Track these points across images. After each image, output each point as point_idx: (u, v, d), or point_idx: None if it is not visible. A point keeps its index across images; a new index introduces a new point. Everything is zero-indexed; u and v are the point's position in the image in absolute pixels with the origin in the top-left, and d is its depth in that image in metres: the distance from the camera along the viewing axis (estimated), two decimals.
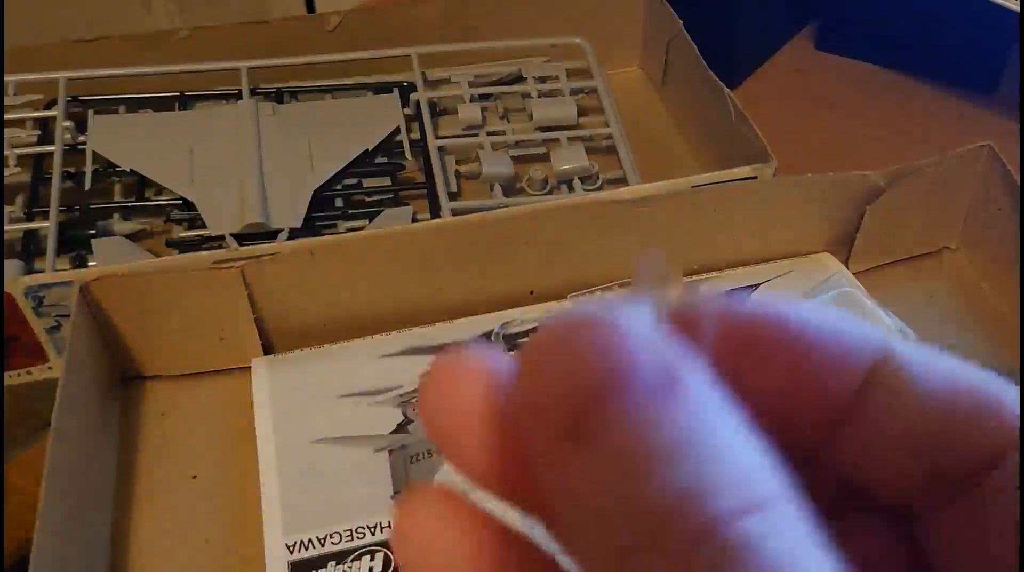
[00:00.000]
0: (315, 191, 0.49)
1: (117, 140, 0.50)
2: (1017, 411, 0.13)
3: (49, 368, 0.42)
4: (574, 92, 0.55)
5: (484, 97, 0.55)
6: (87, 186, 0.48)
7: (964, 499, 0.13)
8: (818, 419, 0.13)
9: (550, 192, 0.51)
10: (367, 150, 0.51)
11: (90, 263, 0.45)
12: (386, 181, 0.51)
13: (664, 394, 0.11)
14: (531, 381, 0.11)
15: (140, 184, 0.49)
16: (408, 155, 0.51)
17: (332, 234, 0.45)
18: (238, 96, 0.53)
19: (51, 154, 0.48)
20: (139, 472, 0.39)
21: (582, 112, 0.54)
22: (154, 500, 0.38)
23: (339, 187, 0.50)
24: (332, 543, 0.34)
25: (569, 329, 0.11)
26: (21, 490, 0.39)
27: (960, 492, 0.13)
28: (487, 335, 0.41)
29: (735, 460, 0.11)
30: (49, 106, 0.51)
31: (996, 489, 0.13)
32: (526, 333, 0.42)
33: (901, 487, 0.13)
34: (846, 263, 0.46)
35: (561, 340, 0.11)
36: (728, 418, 0.11)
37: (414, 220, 0.48)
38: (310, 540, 0.35)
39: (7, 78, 0.51)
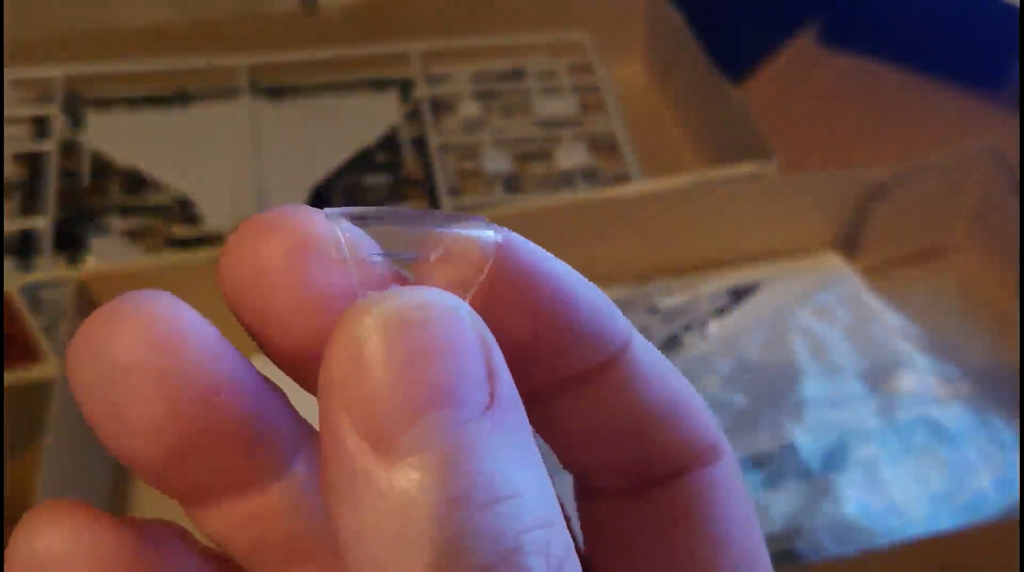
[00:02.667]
0: (314, 188, 0.48)
1: (115, 137, 0.50)
2: (706, 423, 0.13)
3: (46, 367, 0.41)
4: (576, 89, 0.55)
5: (485, 94, 0.55)
6: (84, 183, 0.48)
7: (646, 501, 0.13)
8: (561, 377, 0.13)
9: (552, 190, 0.51)
10: (367, 147, 0.51)
11: (87, 261, 0.44)
12: (386, 178, 0.51)
13: (485, 414, 0.10)
14: (356, 366, 0.10)
15: (138, 182, 0.49)
16: (408, 152, 0.51)
17: None
18: (237, 93, 0.52)
19: (47, 151, 0.48)
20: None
21: (584, 109, 0.54)
22: (152, 500, 0.37)
23: (339, 184, 0.50)
24: None
25: (413, 316, 0.10)
26: (19, 491, 0.39)
27: (644, 493, 0.13)
28: None
29: (537, 499, 0.10)
30: (46, 102, 0.50)
31: (679, 499, 0.13)
32: None
33: (596, 463, 0.14)
34: (850, 261, 0.46)
35: (404, 326, 0.10)
36: (530, 440, 0.11)
37: None
38: None
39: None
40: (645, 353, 0.13)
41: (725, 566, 0.13)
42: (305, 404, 0.12)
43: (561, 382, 0.13)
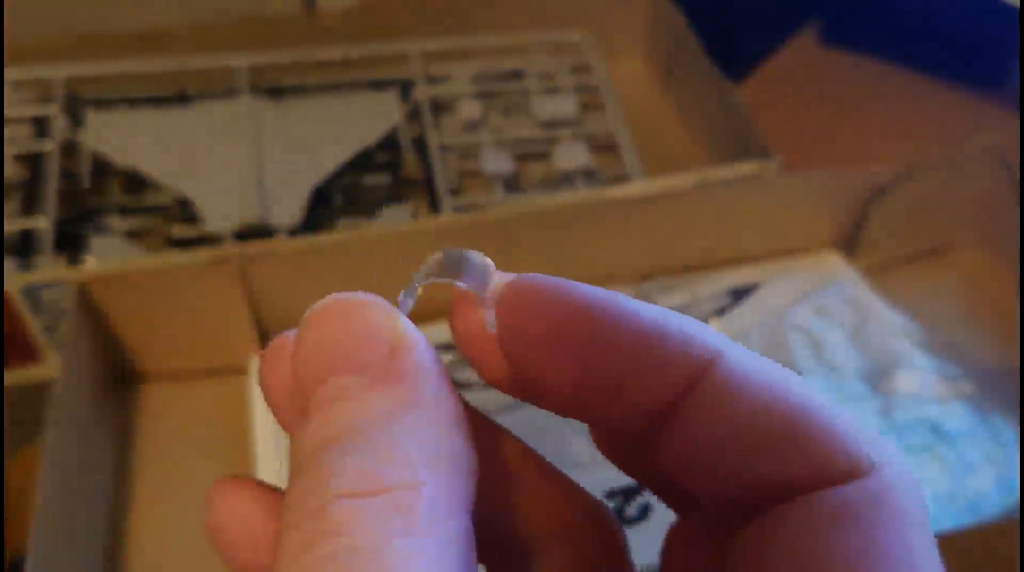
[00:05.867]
0: (314, 188, 0.48)
1: (115, 137, 0.50)
2: (837, 437, 0.12)
3: (46, 368, 0.41)
4: (576, 89, 0.55)
5: (485, 94, 0.55)
6: (84, 183, 0.48)
7: (769, 519, 0.12)
8: (638, 412, 0.13)
9: (552, 190, 0.51)
10: (367, 147, 0.51)
11: (88, 262, 0.44)
12: (386, 178, 0.51)
13: (380, 384, 0.12)
14: (294, 351, 0.13)
15: (138, 182, 0.49)
16: (408, 152, 0.51)
17: (332, 232, 0.45)
18: (237, 93, 0.52)
19: (48, 151, 0.48)
20: (136, 471, 0.38)
21: (584, 109, 0.54)
22: (152, 500, 0.37)
23: (339, 184, 0.49)
24: None
25: (326, 309, 0.13)
26: (18, 490, 0.39)
27: (766, 509, 0.12)
28: None
29: (402, 463, 0.11)
30: (46, 102, 0.50)
31: (799, 517, 0.12)
32: None
33: (713, 493, 0.13)
34: (850, 261, 0.45)
35: (318, 318, 0.13)
36: (432, 414, 0.12)
37: (414, 218, 0.47)
38: None
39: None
40: (742, 365, 0.12)
41: None
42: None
43: (642, 419, 0.13)
